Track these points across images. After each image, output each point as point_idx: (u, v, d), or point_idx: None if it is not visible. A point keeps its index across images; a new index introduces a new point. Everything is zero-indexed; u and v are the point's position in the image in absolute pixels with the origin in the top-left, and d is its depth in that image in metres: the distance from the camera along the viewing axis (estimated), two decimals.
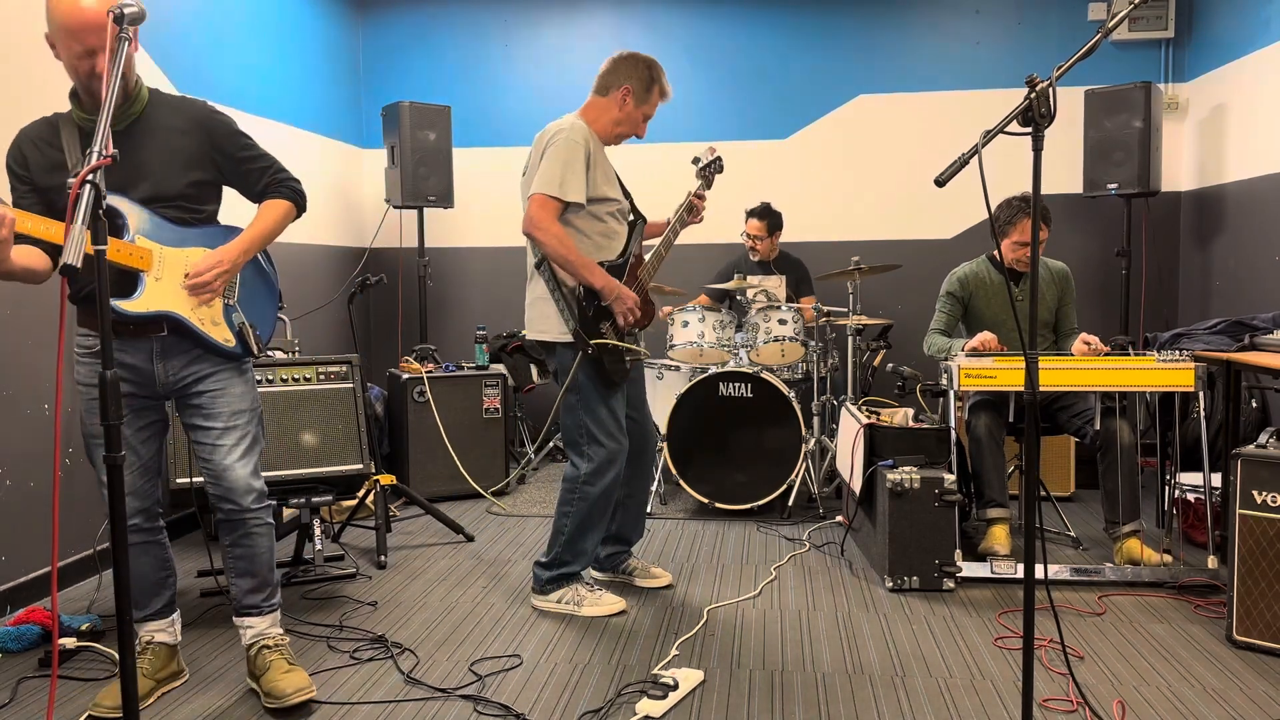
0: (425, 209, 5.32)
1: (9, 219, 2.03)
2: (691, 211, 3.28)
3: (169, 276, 2.37)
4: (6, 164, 2.37)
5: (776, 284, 4.87)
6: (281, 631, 2.63)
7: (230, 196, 2.60)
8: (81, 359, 2.43)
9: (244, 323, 2.51)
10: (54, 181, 2.30)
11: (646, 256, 3.24)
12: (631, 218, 3.20)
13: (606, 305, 3.01)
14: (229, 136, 2.51)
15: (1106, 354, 3.46)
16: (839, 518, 4.18)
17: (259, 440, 2.58)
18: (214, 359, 2.48)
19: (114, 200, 2.29)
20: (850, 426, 3.78)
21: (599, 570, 3.45)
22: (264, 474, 3.31)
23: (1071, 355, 3.50)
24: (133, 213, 2.33)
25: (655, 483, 4.56)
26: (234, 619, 2.60)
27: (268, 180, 2.55)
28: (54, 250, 2.27)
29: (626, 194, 3.20)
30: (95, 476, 2.53)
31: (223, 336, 2.46)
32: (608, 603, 3.12)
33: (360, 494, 3.81)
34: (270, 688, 2.47)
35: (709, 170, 3.39)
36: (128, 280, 2.32)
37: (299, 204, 2.60)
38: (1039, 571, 2.37)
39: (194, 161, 2.44)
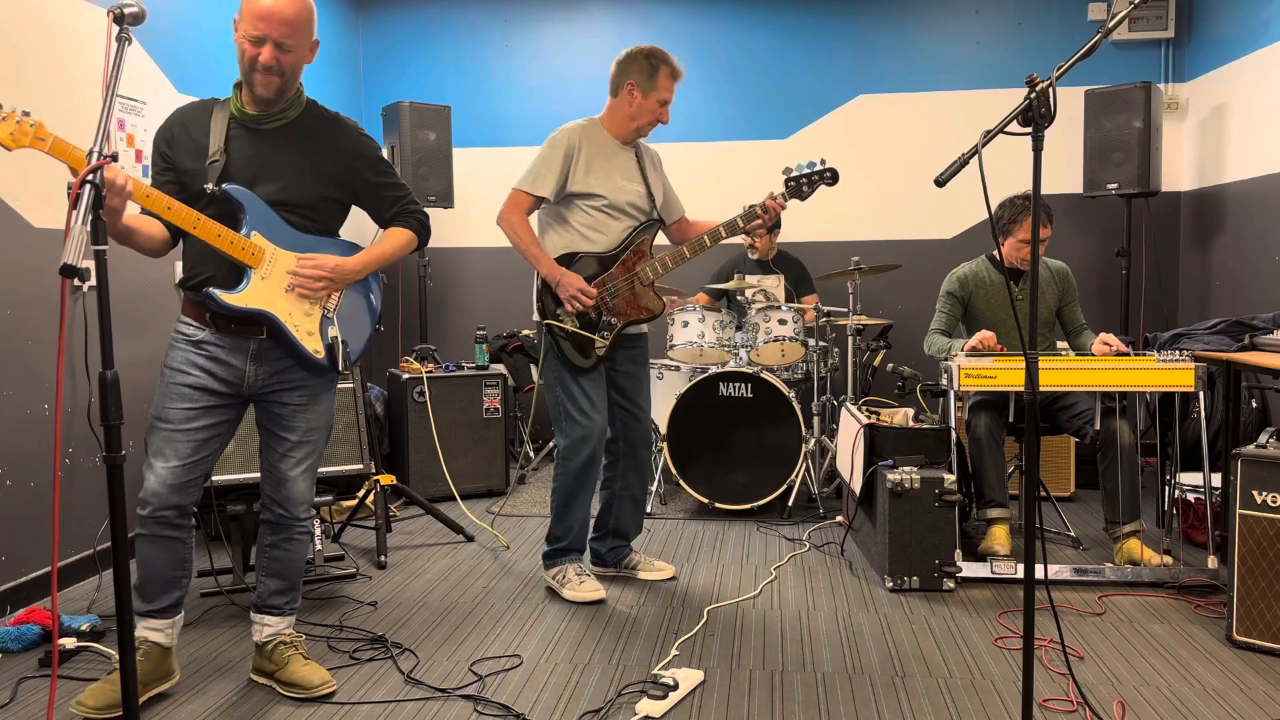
0: (425, 209, 5.30)
1: (127, 189, 2.06)
2: (750, 218, 3.19)
3: (275, 278, 2.41)
4: (154, 140, 2.43)
5: (775, 283, 4.87)
6: (295, 630, 2.67)
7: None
8: (178, 345, 2.41)
9: (337, 337, 2.52)
10: (192, 165, 2.36)
11: (659, 254, 3.26)
12: (649, 216, 3.28)
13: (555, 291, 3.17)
14: (374, 164, 2.57)
15: (1122, 354, 3.44)
16: (839, 518, 4.18)
17: (322, 454, 2.63)
18: (311, 371, 2.51)
19: (238, 192, 2.34)
20: (850, 426, 3.78)
21: (601, 565, 3.48)
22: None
23: (1090, 355, 3.50)
24: (256, 209, 2.37)
25: (655, 482, 4.56)
26: (252, 614, 2.62)
27: (398, 209, 2.64)
28: (175, 228, 2.33)
29: (650, 193, 3.29)
30: (138, 454, 2.48)
31: (314, 347, 2.47)
32: (586, 590, 3.22)
33: (360, 494, 3.81)
34: (294, 679, 2.54)
35: (800, 182, 3.25)
36: (235, 273, 2.37)
37: (423, 237, 2.69)
38: (1039, 571, 2.37)
39: (332, 179, 2.50)
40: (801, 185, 3.28)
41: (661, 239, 3.36)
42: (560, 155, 3.16)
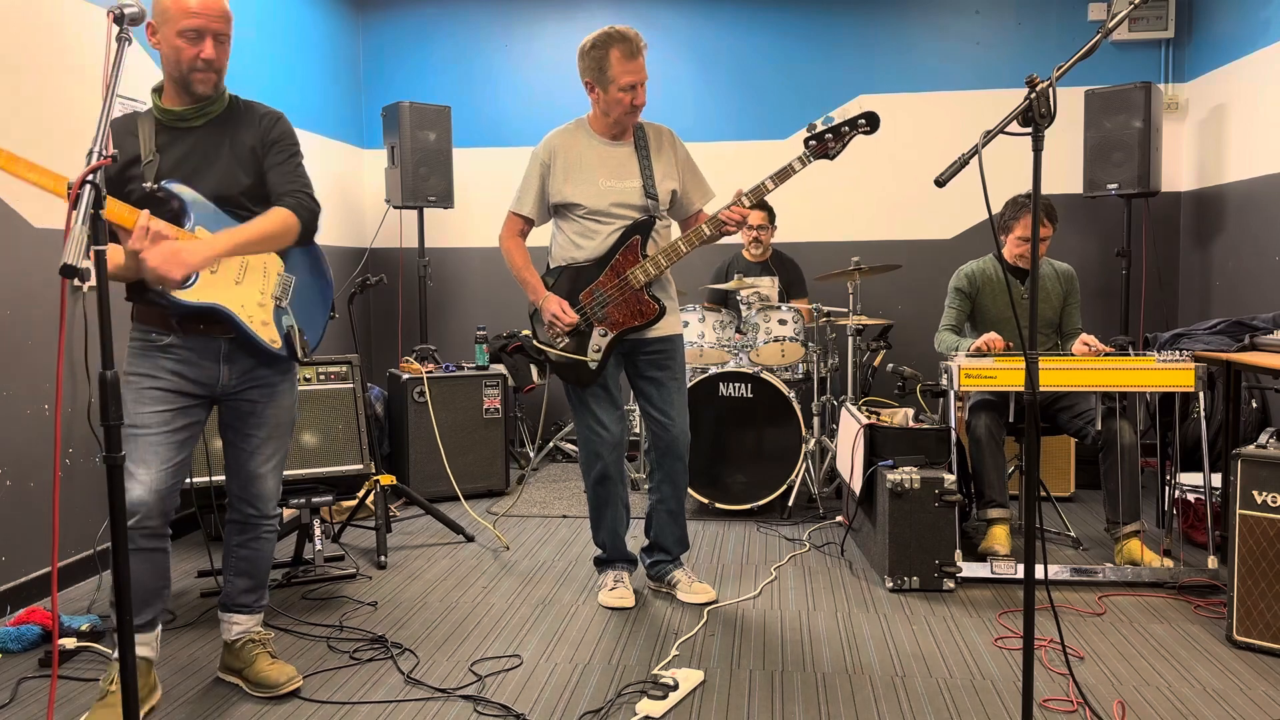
0: (425, 209, 5.32)
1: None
2: (716, 227, 2.95)
3: (224, 272, 2.39)
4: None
5: (770, 284, 4.83)
6: (263, 628, 2.66)
7: None
8: (144, 352, 2.39)
9: (293, 326, 2.51)
10: (127, 174, 2.33)
11: (653, 253, 3.05)
12: (646, 214, 3.06)
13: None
14: (279, 141, 2.46)
15: (1107, 354, 3.46)
16: (839, 518, 4.18)
17: (287, 451, 2.63)
18: (276, 365, 2.51)
19: (178, 189, 2.32)
20: (850, 426, 3.78)
21: (651, 579, 3.38)
22: None
23: (1073, 355, 3.51)
24: (197, 204, 2.34)
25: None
26: (220, 613, 2.62)
27: (289, 188, 2.44)
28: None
29: (649, 191, 3.07)
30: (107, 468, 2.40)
31: (270, 337, 2.45)
32: (613, 596, 3.20)
33: (360, 494, 3.81)
34: (260, 678, 2.54)
35: (824, 139, 2.81)
36: None
37: (306, 224, 2.44)
38: (1039, 571, 2.37)
39: (256, 167, 2.45)
40: (827, 143, 2.86)
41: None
42: (536, 170, 3.12)
